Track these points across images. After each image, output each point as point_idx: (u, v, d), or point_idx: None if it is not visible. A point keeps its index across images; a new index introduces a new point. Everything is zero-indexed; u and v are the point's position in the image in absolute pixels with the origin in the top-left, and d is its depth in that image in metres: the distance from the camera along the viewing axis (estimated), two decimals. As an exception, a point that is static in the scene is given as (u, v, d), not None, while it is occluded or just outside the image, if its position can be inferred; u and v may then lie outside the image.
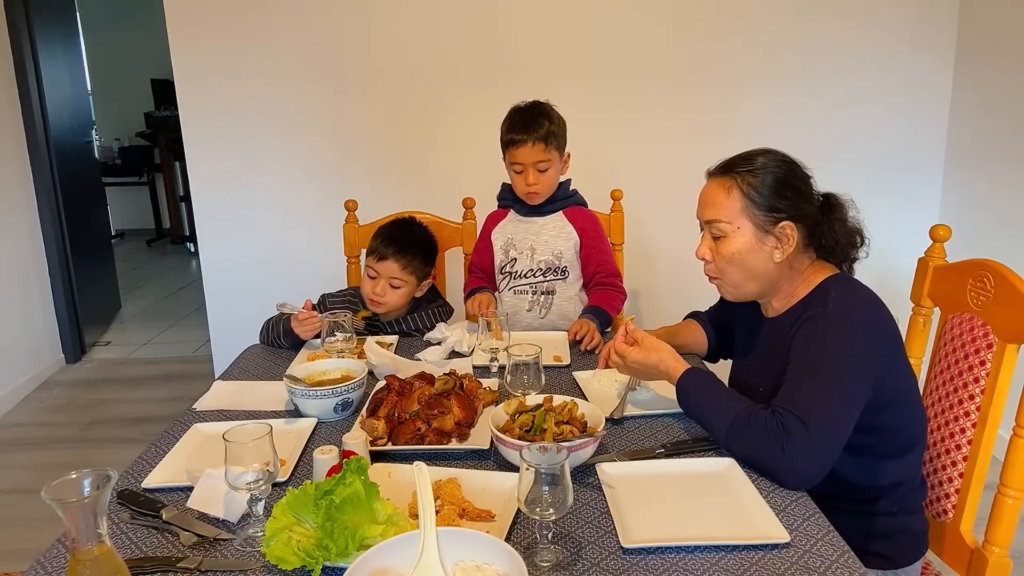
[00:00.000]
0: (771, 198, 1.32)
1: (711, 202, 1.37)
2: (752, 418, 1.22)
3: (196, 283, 4.67)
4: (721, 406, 1.28)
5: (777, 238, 1.33)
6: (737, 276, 1.38)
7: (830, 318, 1.26)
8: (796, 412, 1.18)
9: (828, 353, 1.23)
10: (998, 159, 2.79)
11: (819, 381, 1.21)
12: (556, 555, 1.01)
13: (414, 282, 1.99)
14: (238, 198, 3.20)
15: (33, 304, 3.82)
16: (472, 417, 1.38)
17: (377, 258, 1.95)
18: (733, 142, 3.23)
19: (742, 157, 1.38)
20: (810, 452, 1.16)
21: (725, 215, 1.34)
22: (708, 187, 1.40)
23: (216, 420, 1.47)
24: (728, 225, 1.34)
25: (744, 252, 1.34)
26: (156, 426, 3.10)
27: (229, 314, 3.29)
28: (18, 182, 3.71)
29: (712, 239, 1.38)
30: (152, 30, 4.53)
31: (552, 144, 1.95)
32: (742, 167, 1.35)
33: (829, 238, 1.37)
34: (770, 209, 1.32)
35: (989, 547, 1.32)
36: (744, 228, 1.34)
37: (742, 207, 1.33)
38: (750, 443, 1.21)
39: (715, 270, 1.41)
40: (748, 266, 1.36)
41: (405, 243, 1.97)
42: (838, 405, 1.20)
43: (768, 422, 1.19)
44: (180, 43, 3.04)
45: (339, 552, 0.95)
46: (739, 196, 1.33)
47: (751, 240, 1.34)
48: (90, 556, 0.82)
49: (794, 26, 3.01)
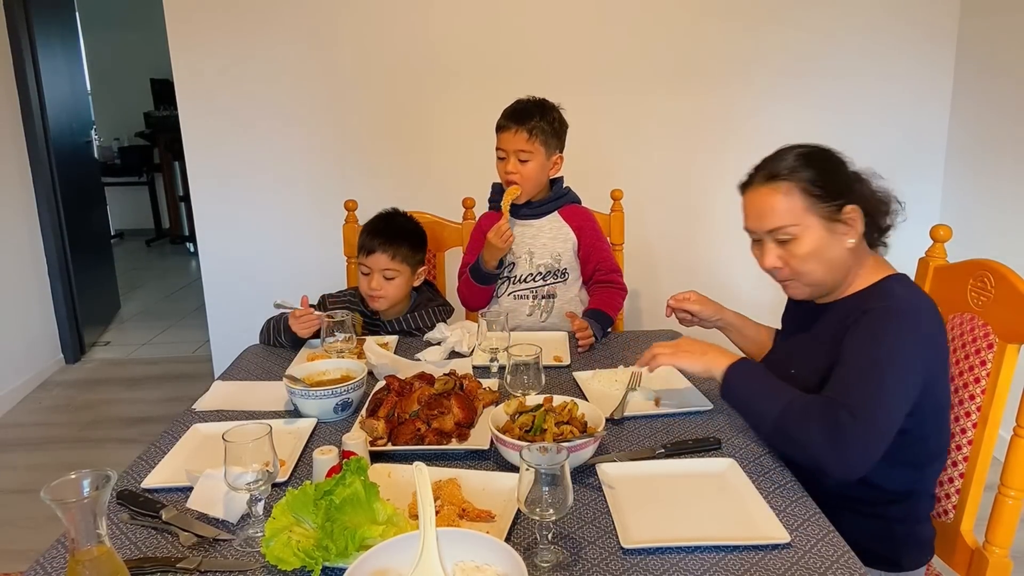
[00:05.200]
0: (829, 187, 1.30)
1: (769, 211, 1.32)
2: (804, 408, 1.21)
3: (196, 283, 4.66)
4: (771, 394, 1.27)
5: (845, 223, 1.31)
6: (818, 272, 1.33)
7: (893, 314, 1.25)
8: (849, 404, 1.17)
9: (887, 348, 1.22)
10: (998, 159, 2.79)
11: (875, 374, 1.20)
12: (556, 555, 1.00)
13: (407, 271, 2.00)
14: (238, 198, 3.20)
15: (32, 304, 3.82)
16: (472, 417, 1.38)
17: (366, 253, 1.98)
18: (733, 142, 3.27)
19: (779, 158, 1.35)
20: (860, 445, 1.17)
21: (790, 219, 1.31)
22: (757, 197, 1.35)
23: (216, 420, 1.46)
24: (796, 227, 1.30)
25: (820, 247, 1.31)
26: (156, 426, 3.10)
27: (229, 314, 3.29)
28: (18, 182, 3.70)
29: (778, 245, 1.34)
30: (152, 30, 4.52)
31: (536, 137, 1.96)
32: (787, 166, 1.32)
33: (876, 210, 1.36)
34: (832, 197, 1.30)
35: (990, 547, 1.32)
36: (812, 224, 1.30)
37: (805, 205, 1.30)
38: (802, 432, 1.20)
39: (789, 273, 1.35)
40: (827, 259, 1.32)
41: (389, 233, 1.99)
42: (891, 401, 1.20)
43: (821, 412, 1.19)
44: (180, 43, 3.05)
45: (339, 552, 0.95)
46: (799, 195, 1.30)
47: (822, 234, 1.31)
48: (90, 556, 0.82)
49: (794, 27, 3.01)
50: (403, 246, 1.98)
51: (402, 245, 1.98)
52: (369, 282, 1.97)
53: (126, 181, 6.91)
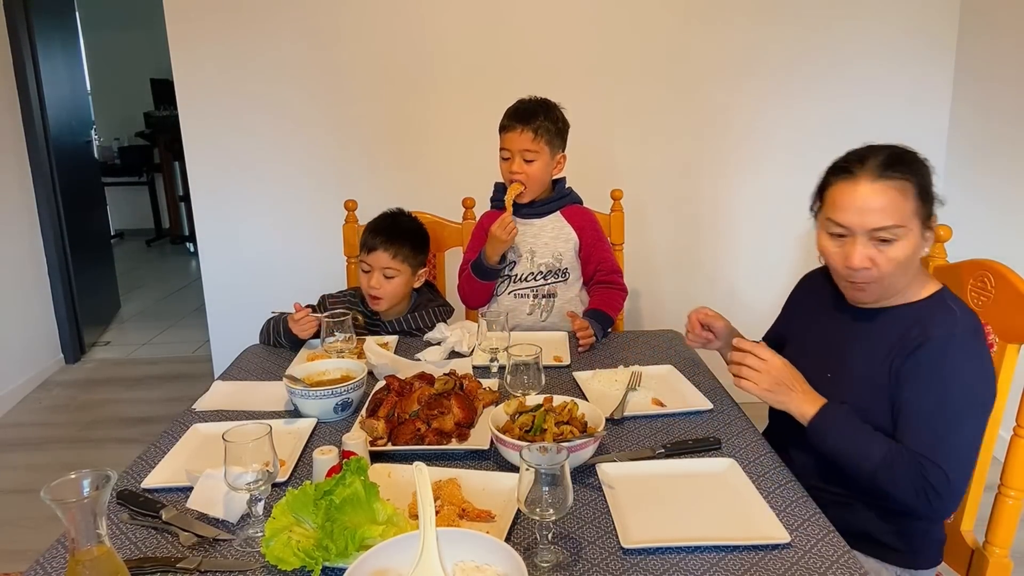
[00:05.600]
0: (931, 193, 1.25)
1: (879, 208, 1.21)
2: (896, 467, 1.19)
3: (196, 283, 4.66)
4: (862, 449, 1.23)
5: (932, 232, 1.27)
6: (900, 279, 1.27)
7: (958, 343, 1.21)
8: (939, 462, 1.17)
9: (961, 386, 1.20)
10: (998, 159, 2.79)
11: (956, 423, 1.19)
12: (556, 555, 1.00)
13: (408, 271, 2.00)
14: (238, 198, 3.20)
15: (33, 304, 3.82)
16: (472, 417, 1.38)
17: (367, 251, 1.98)
18: (733, 142, 3.27)
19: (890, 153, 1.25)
20: (952, 498, 1.20)
21: (899, 219, 1.21)
22: (866, 190, 1.23)
23: (216, 420, 1.46)
24: (902, 229, 1.22)
25: (912, 254, 1.24)
26: (156, 426, 3.10)
27: (229, 314, 3.29)
28: (17, 182, 3.70)
29: (873, 244, 1.24)
30: (152, 30, 4.53)
31: (541, 137, 1.96)
32: (906, 165, 1.24)
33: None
34: (931, 205, 1.25)
35: (990, 547, 1.32)
36: (914, 229, 1.23)
37: (914, 208, 1.22)
38: (895, 489, 1.21)
39: (876, 275, 1.26)
40: (911, 267, 1.27)
41: (392, 232, 2.00)
42: (974, 442, 1.22)
43: (913, 473, 1.18)
44: (180, 43, 3.04)
45: (339, 552, 0.95)
46: (912, 197, 1.22)
47: (918, 240, 1.24)
48: (90, 556, 0.82)
49: (795, 26, 3.01)
50: (405, 246, 1.99)
51: (404, 245, 1.98)
52: (369, 280, 1.97)
53: (126, 181, 6.91)
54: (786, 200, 3.13)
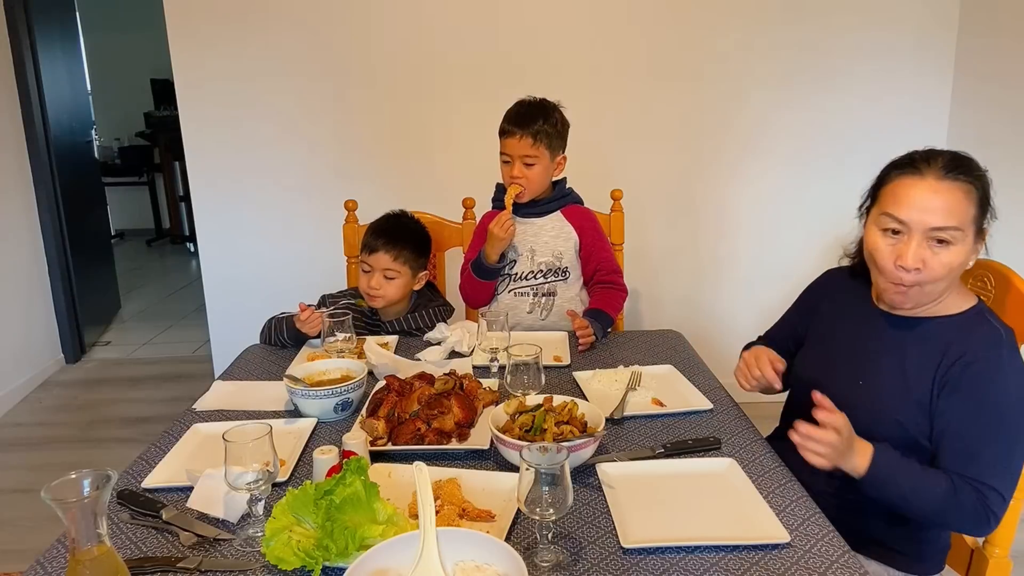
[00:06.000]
0: (990, 204, 1.22)
1: (944, 207, 1.18)
2: (956, 502, 1.17)
3: (196, 283, 4.66)
4: (923, 493, 1.19)
5: (983, 245, 1.24)
6: (943, 286, 1.23)
7: (1006, 364, 1.19)
8: (996, 486, 1.17)
9: (1012, 402, 1.19)
10: (998, 160, 2.77)
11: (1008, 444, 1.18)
12: (556, 555, 1.00)
13: (408, 273, 2.00)
14: (238, 198, 3.20)
15: (33, 304, 3.82)
16: (472, 417, 1.38)
17: (368, 251, 1.98)
18: (733, 143, 3.27)
19: (957, 155, 1.23)
20: (1004, 511, 1.20)
21: (961, 222, 1.18)
22: (932, 187, 1.19)
23: (216, 420, 1.46)
24: (960, 233, 1.18)
25: (963, 263, 1.21)
26: (156, 426, 3.10)
27: (229, 314, 3.29)
28: (18, 182, 3.70)
29: (928, 246, 1.20)
30: (152, 30, 4.53)
31: (542, 141, 1.96)
32: (975, 168, 1.22)
33: None
34: (987, 216, 1.22)
35: (989, 548, 1.32)
36: (970, 235, 1.20)
37: (974, 215, 1.20)
38: (958, 521, 1.21)
39: (925, 277, 1.21)
40: (955, 277, 1.23)
41: (394, 234, 2.00)
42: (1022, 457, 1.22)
43: (974, 501, 1.17)
44: (180, 43, 3.04)
45: (339, 552, 0.95)
46: (976, 201, 1.20)
47: (971, 248, 1.21)
48: (90, 556, 0.82)
49: (795, 26, 3.01)
50: (406, 248, 1.99)
51: (405, 247, 1.98)
52: (369, 280, 1.97)
53: (126, 181, 6.92)
54: (787, 200, 3.14)
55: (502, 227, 1.96)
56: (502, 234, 1.97)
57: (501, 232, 1.96)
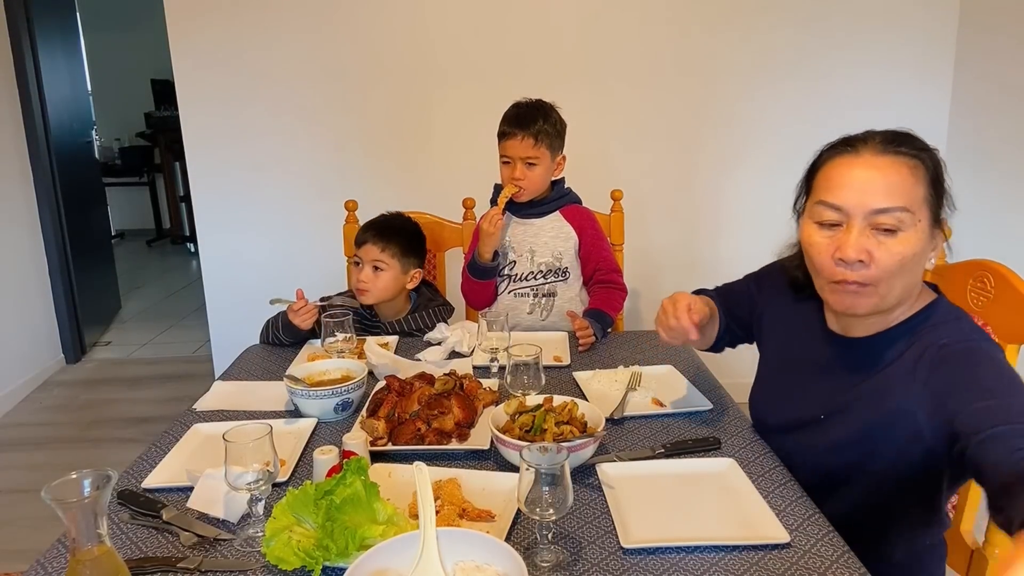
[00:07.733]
0: (944, 187, 1.06)
1: (885, 185, 1.03)
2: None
3: (196, 283, 4.66)
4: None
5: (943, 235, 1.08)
6: (898, 287, 1.06)
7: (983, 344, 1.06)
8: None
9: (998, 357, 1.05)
10: (998, 159, 2.79)
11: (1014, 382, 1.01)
12: (556, 555, 1.00)
13: (397, 267, 1.99)
14: (238, 198, 3.21)
15: (33, 304, 3.82)
16: (472, 417, 1.38)
17: (358, 245, 2.00)
18: (733, 142, 3.26)
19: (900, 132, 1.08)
20: None
21: (907, 202, 1.02)
22: (870, 164, 1.05)
23: (216, 420, 1.46)
24: (910, 216, 1.02)
25: (917, 255, 1.04)
26: (156, 426, 3.10)
27: (229, 314, 3.29)
28: (18, 182, 3.71)
29: (873, 235, 1.04)
30: (152, 30, 4.54)
31: (542, 142, 1.96)
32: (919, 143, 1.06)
33: None
34: (941, 200, 1.06)
35: (989, 547, 1.32)
36: (923, 220, 1.03)
37: (925, 196, 1.03)
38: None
39: (873, 275, 1.05)
40: (914, 273, 1.06)
41: (383, 228, 2.01)
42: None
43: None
44: (180, 43, 3.05)
45: (339, 552, 0.95)
46: (924, 180, 1.04)
47: (925, 238, 1.04)
48: (90, 556, 0.82)
49: (794, 25, 3.01)
50: (394, 240, 1.99)
51: (393, 239, 1.99)
52: (358, 273, 1.99)
53: (127, 181, 6.92)
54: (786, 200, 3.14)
55: (490, 222, 1.96)
56: (491, 229, 1.97)
57: (489, 227, 1.96)
